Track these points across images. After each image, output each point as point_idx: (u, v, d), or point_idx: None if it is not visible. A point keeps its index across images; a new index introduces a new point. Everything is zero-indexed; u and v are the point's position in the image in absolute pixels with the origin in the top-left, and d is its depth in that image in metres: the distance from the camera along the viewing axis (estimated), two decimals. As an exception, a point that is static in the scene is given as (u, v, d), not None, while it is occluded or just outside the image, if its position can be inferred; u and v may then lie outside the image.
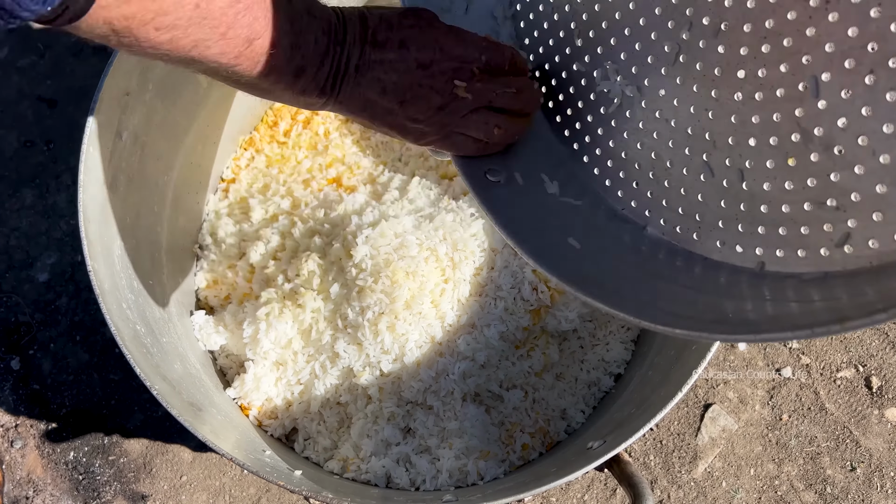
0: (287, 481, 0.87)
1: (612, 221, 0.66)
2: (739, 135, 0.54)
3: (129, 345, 0.87)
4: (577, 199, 0.69)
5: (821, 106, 0.48)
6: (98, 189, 0.94)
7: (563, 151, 0.72)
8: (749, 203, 0.55)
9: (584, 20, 0.66)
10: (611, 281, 0.60)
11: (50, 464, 1.42)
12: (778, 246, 0.53)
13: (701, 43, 0.55)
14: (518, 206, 0.68)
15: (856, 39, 0.45)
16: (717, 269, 0.57)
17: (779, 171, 0.52)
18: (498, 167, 0.70)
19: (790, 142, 0.51)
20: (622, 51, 0.63)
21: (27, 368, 1.47)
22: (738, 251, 0.56)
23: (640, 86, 0.62)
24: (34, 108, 1.61)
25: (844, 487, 1.38)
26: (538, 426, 1.12)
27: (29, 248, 1.53)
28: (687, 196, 0.60)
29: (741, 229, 0.55)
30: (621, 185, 0.66)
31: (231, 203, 1.29)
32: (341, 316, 1.08)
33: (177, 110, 1.10)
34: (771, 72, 0.51)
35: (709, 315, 0.52)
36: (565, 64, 0.70)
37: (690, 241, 0.60)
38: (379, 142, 1.31)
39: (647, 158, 0.63)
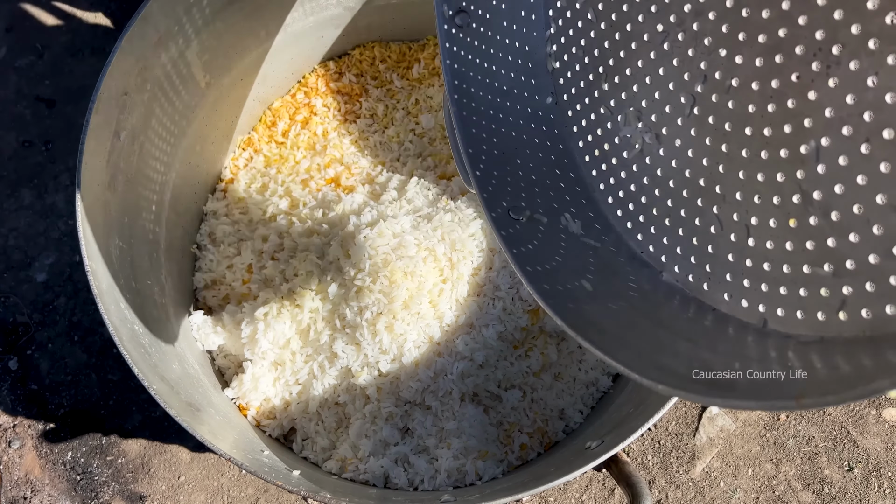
0: (285, 481, 0.87)
1: (631, 265, 0.67)
2: (746, 191, 0.55)
3: (126, 345, 0.87)
4: (597, 241, 0.69)
5: (820, 170, 0.49)
6: (96, 189, 0.94)
7: (589, 191, 0.73)
8: (754, 259, 0.55)
9: (610, 65, 0.68)
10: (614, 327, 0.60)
11: (48, 464, 1.41)
12: (779, 305, 0.53)
13: (713, 97, 0.57)
14: (538, 245, 0.68)
15: (853, 107, 0.46)
16: (726, 322, 0.58)
17: (781, 231, 0.53)
18: (522, 205, 0.71)
19: (792, 203, 0.51)
20: (643, 98, 0.64)
21: (25, 369, 1.47)
22: (744, 306, 0.56)
23: (659, 134, 0.64)
24: (33, 109, 1.61)
25: (842, 487, 1.39)
26: (536, 426, 1.12)
27: (27, 249, 1.53)
28: (699, 246, 0.61)
29: (746, 284, 0.56)
30: (641, 228, 0.67)
31: (229, 203, 1.29)
32: (339, 316, 1.08)
33: (175, 110, 1.10)
34: (776, 131, 0.52)
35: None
36: (594, 107, 0.71)
37: (701, 291, 0.61)
38: (377, 142, 1.31)
39: (664, 205, 0.64)
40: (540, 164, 0.75)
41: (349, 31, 1.33)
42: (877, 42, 0.44)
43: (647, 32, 0.63)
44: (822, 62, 0.48)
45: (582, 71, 0.73)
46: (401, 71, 1.37)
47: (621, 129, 0.68)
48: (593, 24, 0.70)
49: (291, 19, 1.22)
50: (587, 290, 0.64)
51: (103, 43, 1.66)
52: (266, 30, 1.20)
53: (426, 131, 1.32)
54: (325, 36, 1.32)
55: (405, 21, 1.34)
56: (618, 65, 0.67)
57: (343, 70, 1.38)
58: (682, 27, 0.59)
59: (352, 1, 1.26)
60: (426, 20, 1.34)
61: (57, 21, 1.68)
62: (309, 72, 1.38)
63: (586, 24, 0.71)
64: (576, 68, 0.74)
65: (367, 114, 1.34)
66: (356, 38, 1.37)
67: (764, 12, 0.51)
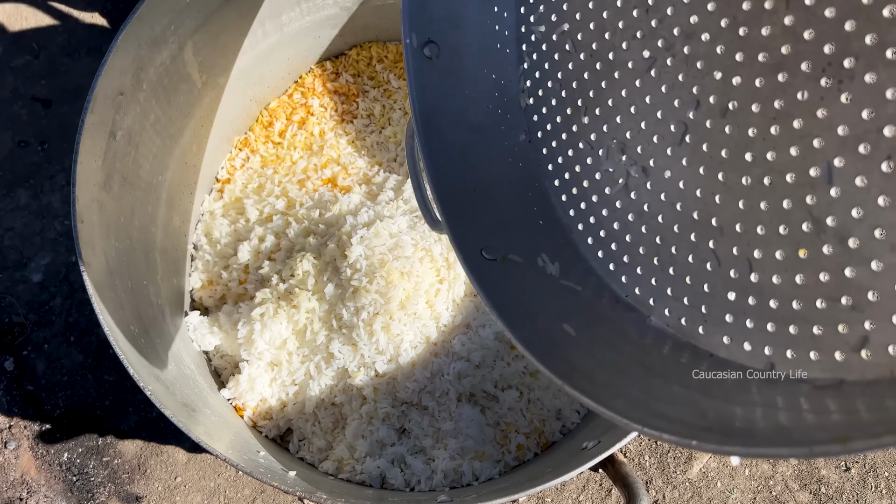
0: (281, 482, 0.87)
1: (615, 309, 0.62)
2: (748, 222, 0.51)
3: (122, 345, 0.87)
4: (578, 284, 0.65)
5: (833, 193, 0.45)
6: (92, 189, 0.93)
7: (566, 232, 0.68)
8: (758, 297, 0.51)
9: (590, 97, 0.64)
10: (603, 375, 0.56)
11: (44, 465, 1.41)
12: (788, 346, 0.49)
13: (708, 123, 0.53)
14: (514, 288, 0.64)
15: (871, 122, 0.42)
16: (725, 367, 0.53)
17: (789, 264, 0.48)
18: (496, 245, 0.66)
19: (801, 231, 0.47)
20: (627, 129, 0.61)
21: (21, 369, 1.46)
22: (747, 349, 0.52)
23: (646, 166, 0.59)
24: (29, 108, 1.61)
25: (839, 487, 1.39)
26: (533, 426, 1.12)
27: (23, 249, 1.53)
28: (692, 285, 0.56)
29: (749, 325, 0.51)
30: (625, 270, 0.63)
31: (226, 203, 1.29)
32: (336, 316, 1.07)
33: (171, 110, 1.10)
34: (780, 155, 0.48)
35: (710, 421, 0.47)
36: (572, 142, 0.67)
37: (696, 335, 0.56)
38: (374, 142, 1.31)
39: (651, 243, 0.60)
40: (513, 202, 0.70)
41: (346, 32, 1.33)
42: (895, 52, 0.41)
43: (632, 60, 0.59)
44: (832, 77, 0.44)
45: (558, 105, 0.68)
46: (398, 71, 1.37)
47: (603, 164, 0.63)
48: (571, 55, 0.66)
49: (288, 19, 1.22)
50: (570, 336, 0.59)
51: (100, 43, 1.65)
52: (262, 30, 1.19)
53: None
54: (321, 36, 1.32)
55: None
56: (599, 96, 0.63)
57: (340, 70, 1.37)
58: (671, 52, 0.55)
59: (348, 1, 1.26)
60: (423, 20, 1.33)
61: (53, 21, 1.67)
62: (306, 72, 1.37)
63: (564, 56, 0.67)
64: (552, 103, 0.69)
65: (364, 114, 1.34)
66: (353, 39, 1.37)
67: (764, 30, 0.48)
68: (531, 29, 0.70)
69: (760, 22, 0.48)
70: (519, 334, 0.57)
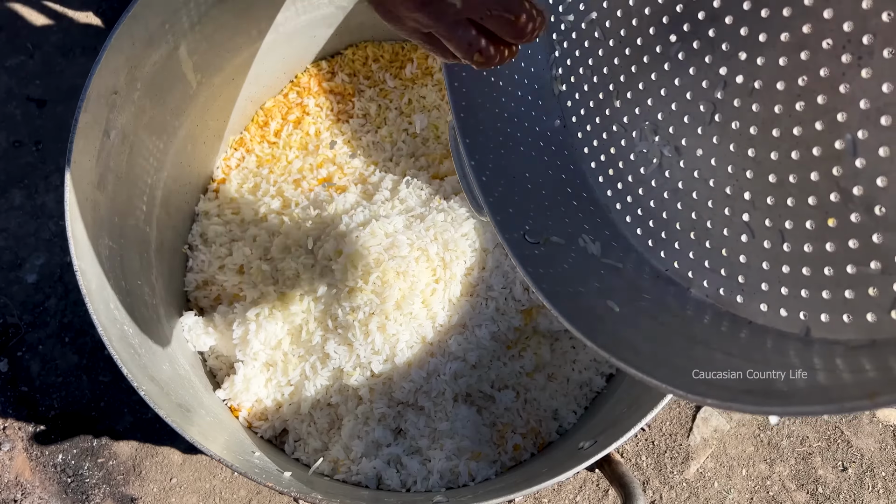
0: (276, 483, 0.87)
1: (656, 283, 0.65)
2: (778, 194, 0.54)
3: (116, 345, 0.86)
4: (619, 261, 0.67)
5: (859, 164, 0.47)
6: (86, 188, 0.93)
7: (605, 212, 0.71)
8: (791, 265, 0.53)
9: (621, 82, 0.67)
10: (647, 346, 0.58)
11: (38, 466, 1.40)
12: (822, 310, 0.51)
13: (736, 102, 0.55)
14: (557, 268, 0.66)
15: (891, 95, 0.45)
16: (764, 334, 0.55)
17: (819, 232, 0.51)
18: (537, 229, 0.68)
19: (829, 201, 0.50)
20: (659, 111, 0.63)
21: (15, 370, 1.45)
22: (783, 315, 0.54)
23: (678, 146, 0.62)
24: (23, 108, 1.60)
25: (836, 487, 1.39)
26: (530, 426, 1.12)
27: (17, 249, 1.52)
28: (729, 257, 0.59)
29: (784, 292, 0.54)
30: (664, 245, 0.65)
31: (221, 203, 1.28)
32: (331, 316, 1.07)
33: (166, 110, 1.09)
34: (806, 130, 0.50)
35: (751, 384, 0.49)
36: (605, 125, 0.70)
37: (734, 304, 0.59)
38: (370, 142, 1.31)
39: (687, 218, 0.62)
40: (552, 186, 0.73)
41: (342, 31, 1.33)
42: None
43: (660, 44, 0.61)
44: (852, 54, 0.47)
45: (591, 91, 0.71)
46: (394, 70, 1.37)
47: (637, 145, 0.66)
48: (601, 42, 0.68)
49: (283, 18, 1.21)
50: (615, 311, 0.62)
51: (94, 42, 1.65)
52: (257, 29, 1.19)
53: (419, 131, 1.32)
54: (317, 35, 1.31)
55: (398, 20, 1.34)
56: (629, 80, 0.66)
57: (336, 70, 1.37)
58: (696, 35, 0.58)
59: (344, 0, 1.26)
60: (419, 20, 1.33)
61: (47, 20, 1.67)
62: (301, 71, 1.37)
63: (593, 44, 0.69)
64: (584, 89, 0.72)
65: (360, 114, 1.34)
66: (349, 38, 1.37)
67: (785, 10, 0.50)
68: (560, 18, 0.72)
69: (782, 3, 0.51)
70: (565, 311, 0.60)
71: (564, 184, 0.74)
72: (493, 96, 0.74)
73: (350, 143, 1.31)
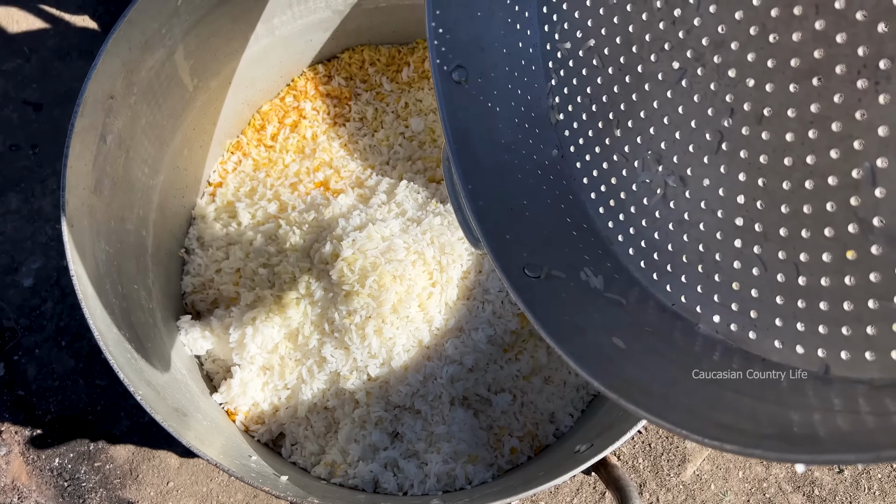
0: (273, 487, 0.87)
1: (662, 318, 0.62)
2: (792, 226, 0.51)
3: (112, 350, 0.86)
4: (622, 296, 0.64)
5: (879, 194, 0.45)
6: (82, 192, 0.93)
7: (607, 244, 0.69)
8: (807, 300, 0.50)
9: (622, 110, 0.65)
10: (657, 385, 0.55)
11: (35, 470, 1.40)
12: (843, 347, 0.48)
13: (744, 130, 0.53)
14: (559, 304, 0.63)
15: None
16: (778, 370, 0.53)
17: (837, 265, 0.48)
18: (537, 262, 0.66)
19: (847, 233, 0.47)
20: (662, 140, 0.61)
21: (12, 374, 1.45)
22: (799, 352, 0.51)
23: (683, 175, 0.59)
24: (20, 112, 1.60)
25: (832, 489, 1.39)
26: (526, 430, 1.12)
27: (14, 253, 1.52)
28: (740, 291, 0.56)
29: (800, 328, 0.51)
30: (669, 279, 0.62)
31: (218, 207, 1.28)
32: (328, 320, 1.07)
33: (162, 114, 1.09)
34: (821, 158, 0.48)
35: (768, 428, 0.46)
36: (605, 155, 0.68)
37: (746, 341, 0.56)
38: (367, 145, 1.31)
39: (694, 251, 0.60)
40: (552, 218, 0.70)
41: (338, 35, 1.33)
42: None
43: (662, 71, 0.59)
44: (868, 79, 0.44)
45: (589, 120, 0.69)
46: (390, 74, 1.37)
47: (639, 175, 0.64)
48: (599, 70, 0.66)
49: (280, 22, 1.21)
50: (620, 349, 0.59)
51: (91, 46, 1.65)
52: (254, 33, 1.19)
53: (415, 135, 1.32)
54: (313, 39, 1.31)
55: (394, 24, 1.34)
56: (630, 109, 0.64)
57: (332, 73, 1.37)
58: (701, 61, 0.56)
59: (340, 4, 1.26)
60: (415, 23, 1.33)
61: (44, 24, 1.67)
62: (298, 75, 1.37)
63: (591, 71, 0.67)
64: (582, 118, 0.70)
65: (357, 117, 1.34)
66: (345, 42, 1.37)
67: (795, 35, 0.48)
68: (556, 46, 0.70)
69: (791, 28, 0.48)
70: (570, 351, 0.57)
71: (564, 214, 0.71)
72: (489, 124, 0.71)
73: (347, 147, 1.31)
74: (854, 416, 0.44)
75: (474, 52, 0.70)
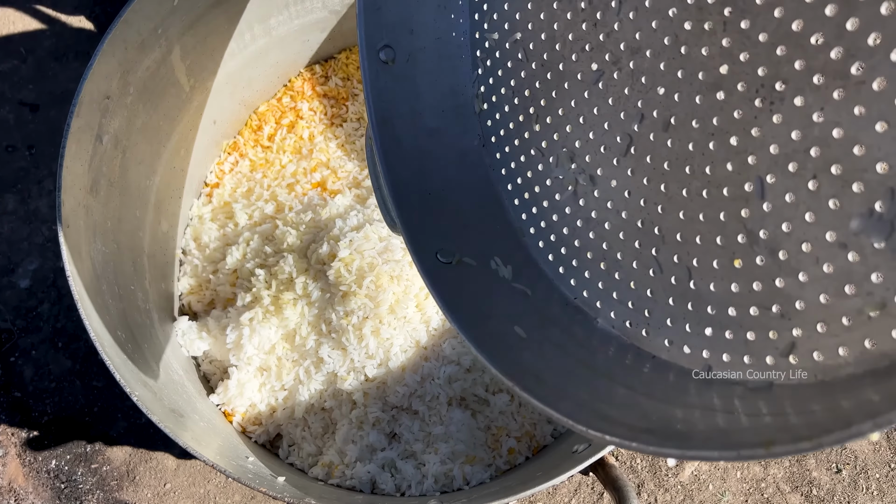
0: (270, 488, 0.87)
1: (565, 311, 0.65)
2: (687, 231, 0.54)
3: (108, 351, 0.86)
4: (529, 287, 0.67)
5: (766, 208, 0.47)
6: (78, 193, 0.93)
7: (518, 236, 0.71)
8: (696, 303, 0.53)
9: (542, 106, 0.66)
10: (551, 376, 0.58)
11: (31, 472, 1.40)
12: (724, 350, 0.51)
13: (651, 136, 0.55)
14: (467, 290, 0.66)
15: (799, 143, 0.45)
16: (666, 369, 0.55)
17: (725, 272, 0.51)
18: (450, 248, 0.68)
19: (736, 242, 0.50)
20: (577, 138, 0.63)
21: (8, 376, 1.45)
22: (686, 352, 0.54)
23: (593, 175, 0.62)
24: (16, 113, 1.60)
25: (830, 489, 1.39)
26: (524, 430, 1.12)
27: (10, 254, 1.52)
28: (636, 290, 0.59)
29: (688, 329, 0.54)
30: (574, 273, 0.65)
31: (215, 207, 1.28)
32: (325, 321, 1.07)
33: (158, 114, 1.09)
34: (717, 169, 0.50)
35: (652, 423, 0.49)
36: (524, 148, 0.69)
37: (639, 338, 0.59)
38: (363, 146, 1.31)
39: (598, 248, 0.62)
40: (469, 206, 0.72)
41: (335, 35, 1.33)
42: (821, 77, 0.43)
43: (581, 71, 0.61)
44: (765, 98, 0.46)
45: (511, 112, 0.70)
46: (387, 74, 1.37)
47: (553, 171, 0.66)
48: (523, 63, 0.67)
49: (276, 23, 1.21)
50: (521, 337, 0.62)
51: (87, 47, 1.64)
52: (251, 33, 1.19)
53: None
54: (310, 39, 1.31)
55: (391, 24, 1.34)
56: (549, 105, 0.65)
57: (329, 73, 1.37)
58: (617, 65, 0.57)
59: (337, 4, 1.26)
60: (412, 24, 1.33)
61: (40, 25, 1.66)
62: (295, 75, 1.37)
63: (516, 64, 0.68)
64: (504, 109, 0.71)
65: (354, 117, 1.34)
66: (342, 42, 1.37)
67: (704, 49, 0.50)
68: (485, 35, 0.72)
69: (700, 42, 0.50)
70: (471, 335, 0.60)
71: (481, 204, 0.72)
72: (413, 107, 0.73)
73: (344, 147, 1.31)
74: (730, 415, 0.46)
75: (403, 33, 0.71)
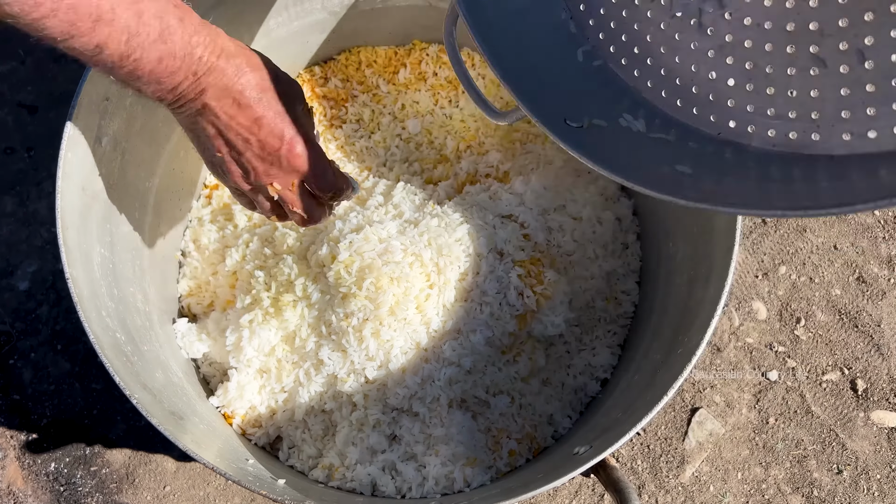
0: (270, 490, 0.86)
1: (713, 145, 0.62)
2: (853, 13, 0.50)
3: (108, 353, 0.86)
4: (667, 134, 0.65)
5: None
6: (77, 195, 0.93)
7: (637, 93, 0.68)
8: (876, 82, 0.50)
9: None
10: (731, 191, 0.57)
11: (30, 475, 1.39)
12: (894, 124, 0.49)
13: None
14: (611, 147, 0.64)
15: None
16: (846, 166, 0.53)
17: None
18: (574, 113, 0.66)
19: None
20: None
21: (7, 378, 1.45)
22: (872, 137, 0.52)
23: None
24: (15, 115, 1.60)
25: (831, 490, 1.39)
26: (525, 432, 1.12)
27: (9, 257, 1.51)
28: (797, 97, 0.55)
29: (871, 113, 0.51)
30: (713, 109, 0.62)
31: (214, 209, 1.28)
32: (325, 322, 1.07)
33: (158, 116, 1.09)
34: None
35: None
36: (624, 3, 0.66)
37: (809, 144, 0.56)
38: (363, 147, 1.31)
39: (741, 72, 0.59)
40: (576, 76, 0.70)
41: (334, 36, 1.33)
42: None
43: None
44: None
45: None
46: (387, 76, 1.36)
47: (667, 13, 0.62)
48: None
49: (275, 24, 1.21)
50: (687, 174, 0.60)
51: (87, 49, 1.64)
52: (249, 35, 1.19)
53: (412, 136, 1.32)
54: (309, 41, 1.31)
55: (391, 25, 1.34)
56: None
57: (329, 75, 1.37)
58: None
59: (337, 6, 1.26)
60: (412, 24, 1.33)
61: (39, 27, 1.66)
62: (294, 77, 1.37)
63: None
64: None
65: (353, 119, 1.34)
66: (342, 43, 1.36)
67: None
68: None
69: None
70: (644, 182, 0.58)
71: (588, 72, 0.70)
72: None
73: (343, 149, 1.31)
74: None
75: None
